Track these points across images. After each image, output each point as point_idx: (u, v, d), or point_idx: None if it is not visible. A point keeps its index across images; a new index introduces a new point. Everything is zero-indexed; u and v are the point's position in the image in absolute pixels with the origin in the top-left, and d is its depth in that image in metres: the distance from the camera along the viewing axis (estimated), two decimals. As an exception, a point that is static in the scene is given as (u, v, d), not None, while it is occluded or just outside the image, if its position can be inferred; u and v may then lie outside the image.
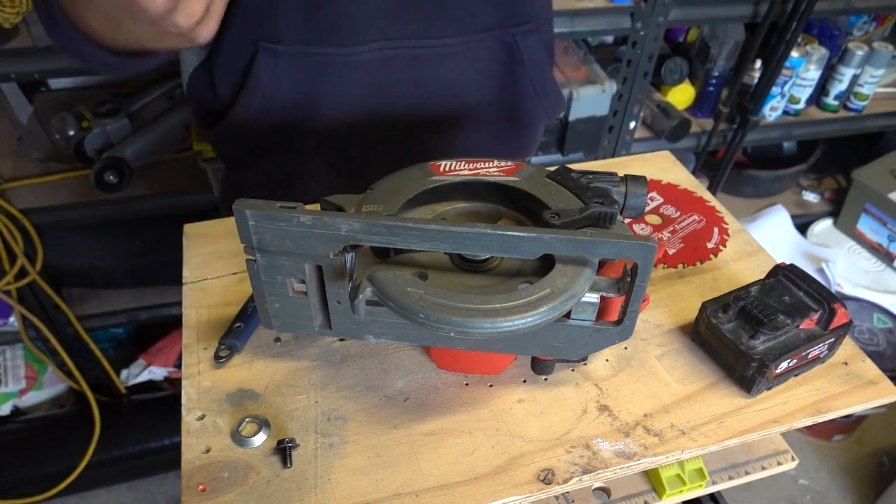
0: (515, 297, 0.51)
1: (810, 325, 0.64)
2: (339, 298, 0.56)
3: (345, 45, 0.73)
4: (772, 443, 0.72)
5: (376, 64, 0.76)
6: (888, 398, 0.64)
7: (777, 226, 2.07)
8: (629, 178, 0.61)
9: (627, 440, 0.59)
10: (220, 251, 0.76)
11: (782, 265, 0.68)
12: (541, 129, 0.94)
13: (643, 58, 1.49)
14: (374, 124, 0.81)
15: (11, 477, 1.56)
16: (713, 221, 0.81)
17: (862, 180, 2.02)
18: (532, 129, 0.91)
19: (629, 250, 0.50)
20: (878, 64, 1.75)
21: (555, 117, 0.92)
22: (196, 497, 0.54)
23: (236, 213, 0.52)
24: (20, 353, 1.71)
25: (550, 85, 0.88)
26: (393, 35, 0.74)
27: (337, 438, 0.58)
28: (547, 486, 0.55)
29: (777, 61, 1.58)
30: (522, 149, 0.93)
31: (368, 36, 0.74)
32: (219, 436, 0.58)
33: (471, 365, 0.63)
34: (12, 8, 1.15)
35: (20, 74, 1.19)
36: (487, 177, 0.61)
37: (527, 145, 0.93)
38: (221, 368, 0.64)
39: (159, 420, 1.66)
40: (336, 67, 0.75)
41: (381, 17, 0.73)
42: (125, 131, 1.42)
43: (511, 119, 0.87)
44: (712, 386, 0.64)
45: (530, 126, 0.90)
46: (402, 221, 0.50)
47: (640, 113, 1.62)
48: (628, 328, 0.56)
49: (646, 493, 0.68)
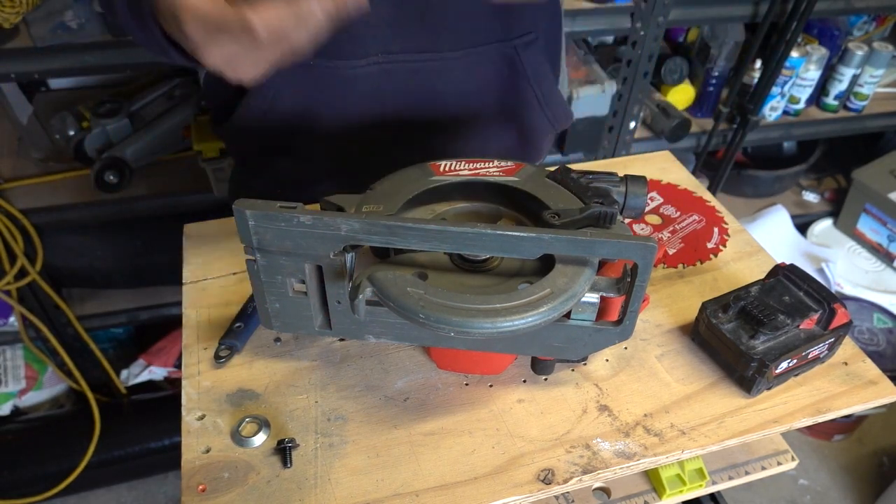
0: (515, 297, 0.51)
1: (810, 325, 0.64)
2: (339, 298, 0.56)
3: (345, 57, 0.74)
4: (772, 443, 0.72)
5: (376, 77, 0.76)
6: (888, 398, 0.64)
7: (777, 226, 2.07)
8: (629, 178, 0.61)
9: (627, 440, 0.59)
10: (220, 251, 0.76)
11: (782, 265, 0.68)
12: (546, 141, 0.94)
13: (643, 58, 1.49)
14: (375, 134, 0.81)
15: (11, 477, 1.56)
16: (713, 221, 0.81)
17: (862, 180, 2.02)
18: (537, 139, 0.91)
19: (629, 250, 0.50)
20: (878, 64, 1.75)
21: (560, 129, 0.92)
22: (196, 497, 0.54)
23: (236, 213, 0.52)
24: (20, 353, 1.71)
25: (555, 96, 0.87)
26: (393, 49, 0.74)
27: (337, 438, 0.58)
28: (547, 486, 0.55)
29: (777, 61, 1.58)
30: (527, 159, 0.93)
31: (369, 49, 0.74)
32: (219, 436, 0.58)
33: (471, 365, 0.63)
34: (12, 8, 1.15)
35: (20, 74, 1.19)
36: (487, 177, 0.61)
37: (532, 155, 0.93)
38: (221, 368, 0.64)
39: (159, 420, 1.66)
40: (336, 79, 0.75)
41: (383, 31, 0.73)
42: (125, 131, 1.42)
43: (514, 129, 0.87)
44: (712, 386, 0.64)
45: (535, 137, 0.90)
46: (402, 221, 0.50)
47: (640, 113, 1.62)
48: (628, 328, 0.56)
49: (646, 493, 0.68)
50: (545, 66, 0.84)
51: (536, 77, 0.83)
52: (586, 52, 1.65)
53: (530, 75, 0.82)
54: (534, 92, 0.84)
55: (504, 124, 0.86)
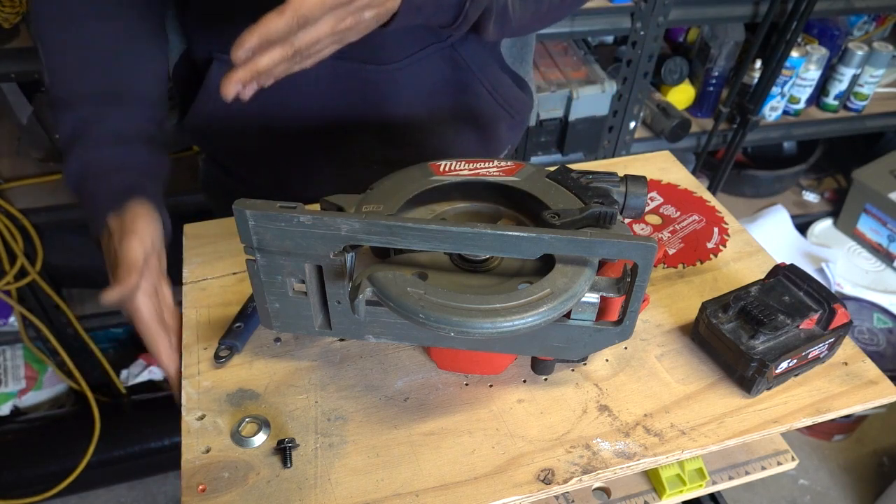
0: (515, 297, 0.51)
1: (810, 325, 0.64)
2: (339, 298, 0.56)
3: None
4: (772, 443, 0.72)
5: (329, 79, 0.77)
6: (888, 398, 0.64)
7: (777, 226, 2.07)
8: (629, 178, 0.61)
9: (627, 440, 0.59)
10: (220, 251, 0.76)
11: (782, 265, 0.68)
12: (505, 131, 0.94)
13: (643, 58, 1.49)
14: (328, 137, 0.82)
15: (11, 477, 1.56)
16: (713, 221, 0.81)
17: (862, 180, 2.02)
18: (494, 129, 0.91)
19: (629, 250, 0.50)
20: (878, 64, 1.75)
21: (520, 116, 0.92)
22: (196, 497, 0.54)
23: (236, 213, 0.52)
24: (20, 353, 1.71)
25: (504, 83, 0.88)
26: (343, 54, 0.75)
27: (337, 438, 0.58)
28: (547, 486, 0.55)
29: (777, 61, 1.58)
30: (489, 150, 0.93)
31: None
32: (219, 436, 0.58)
33: (471, 365, 0.63)
34: (12, 8, 1.15)
35: (20, 74, 1.19)
36: (487, 177, 0.61)
37: (494, 146, 0.93)
38: (221, 368, 0.64)
39: (159, 420, 1.66)
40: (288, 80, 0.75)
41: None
42: (125, 131, 1.42)
43: (472, 125, 0.88)
44: (712, 386, 0.64)
45: (491, 127, 0.90)
46: (402, 221, 0.50)
47: (640, 113, 1.62)
48: (628, 328, 0.56)
49: (646, 493, 0.68)
50: (485, 56, 0.85)
51: (481, 68, 0.84)
52: (586, 52, 1.65)
53: (474, 68, 0.83)
54: (481, 83, 0.85)
55: (461, 122, 0.87)
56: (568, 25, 1.39)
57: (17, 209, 1.33)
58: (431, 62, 0.80)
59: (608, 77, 1.56)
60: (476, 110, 0.87)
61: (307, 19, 0.51)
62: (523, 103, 0.93)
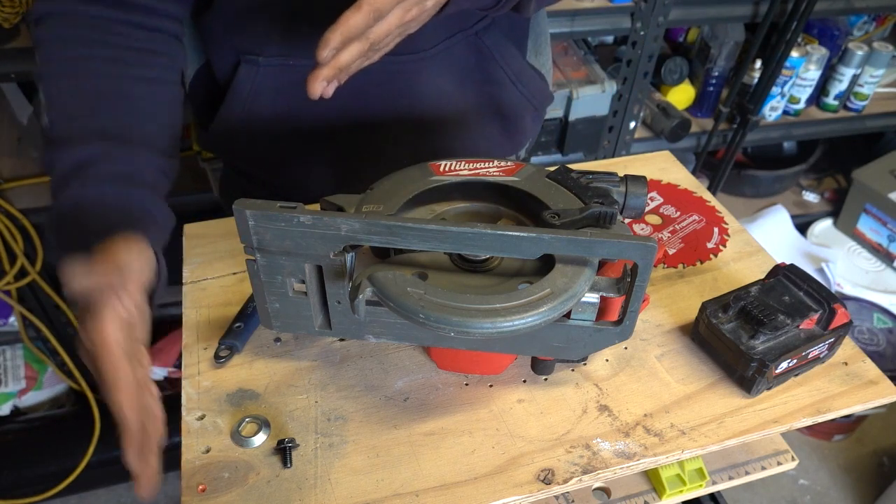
0: (515, 297, 0.51)
1: (810, 325, 0.64)
2: (339, 298, 0.56)
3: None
4: (772, 443, 0.72)
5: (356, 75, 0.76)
6: (888, 398, 0.64)
7: (777, 226, 2.07)
8: (629, 178, 0.61)
9: (627, 440, 0.59)
10: (220, 251, 0.76)
11: (782, 265, 0.68)
12: (530, 123, 0.94)
13: (643, 58, 1.49)
14: (358, 134, 0.82)
15: (11, 477, 1.56)
16: (713, 221, 0.81)
17: (862, 180, 2.02)
18: (520, 119, 0.91)
19: (629, 250, 0.50)
20: (878, 64, 1.75)
21: (542, 108, 0.93)
22: (196, 497, 0.54)
23: (236, 213, 0.52)
24: (20, 353, 1.71)
25: (527, 72, 0.89)
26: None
27: (337, 438, 0.58)
28: (547, 486, 0.55)
29: (777, 61, 1.58)
30: (515, 141, 0.93)
31: None
32: (219, 436, 0.58)
33: (471, 365, 0.63)
34: (12, 8, 1.15)
35: (20, 74, 1.19)
36: (487, 177, 0.61)
37: (519, 137, 0.94)
38: (221, 368, 0.64)
39: (159, 420, 1.66)
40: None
41: None
42: (125, 131, 1.42)
43: (497, 115, 0.88)
44: (712, 386, 0.64)
45: (517, 117, 0.91)
46: (402, 221, 0.50)
47: (640, 113, 1.62)
48: (628, 328, 0.56)
49: (646, 493, 0.68)
50: (509, 46, 0.86)
51: (503, 57, 0.85)
52: (586, 52, 1.65)
53: (497, 57, 0.84)
54: (504, 72, 0.85)
55: (486, 113, 0.87)
56: (568, 25, 1.39)
57: (17, 209, 1.33)
58: (458, 50, 0.81)
59: (608, 77, 1.56)
60: (501, 100, 0.88)
61: (381, 12, 0.53)
62: (544, 94, 0.93)
